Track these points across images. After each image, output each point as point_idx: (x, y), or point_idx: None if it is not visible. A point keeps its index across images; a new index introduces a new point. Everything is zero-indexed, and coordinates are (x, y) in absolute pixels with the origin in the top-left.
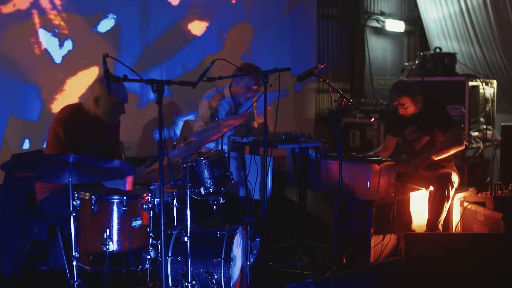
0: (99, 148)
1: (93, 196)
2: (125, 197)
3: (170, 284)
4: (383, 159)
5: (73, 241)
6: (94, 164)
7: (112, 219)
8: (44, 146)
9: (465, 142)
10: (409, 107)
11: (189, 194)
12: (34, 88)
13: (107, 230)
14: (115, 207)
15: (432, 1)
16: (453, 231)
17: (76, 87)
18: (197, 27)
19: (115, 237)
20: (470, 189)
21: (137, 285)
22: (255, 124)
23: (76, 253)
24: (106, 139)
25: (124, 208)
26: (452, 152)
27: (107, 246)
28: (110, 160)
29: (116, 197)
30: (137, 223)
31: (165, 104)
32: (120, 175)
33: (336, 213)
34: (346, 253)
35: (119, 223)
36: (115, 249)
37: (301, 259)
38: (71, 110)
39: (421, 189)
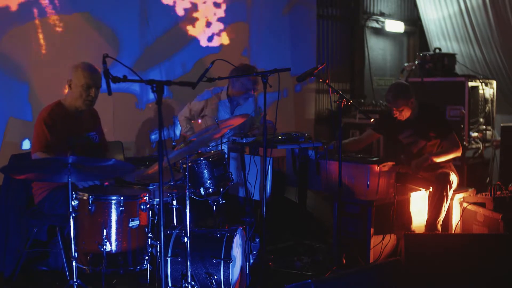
0: (85, 141)
1: (90, 196)
2: (122, 198)
3: (170, 285)
4: (382, 159)
5: (72, 242)
6: (93, 164)
7: (109, 219)
8: None
9: (461, 149)
10: (403, 111)
11: (189, 194)
12: (34, 88)
13: (104, 230)
14: (112, 207)
15: (431, 2)
16: (453, 232)
17: None
18: (197, 27)
19: (112, 237)
20: (470, 190)
21: (137, 285)
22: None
23: (75, 254)
24: (90, 131)
25: (121, 209)
26: (451, 157)
27: (104, 247)
28: (107, 160)
29: (113, 197)
30: (134, 223)
31: (164, 104)
32: (119, 173)
33: (336, 213)
34: (346, 253)
35: (116, 223)
36: (112, 250)
37: (301, 259)
38: (52, 108)
39: (420, 190)
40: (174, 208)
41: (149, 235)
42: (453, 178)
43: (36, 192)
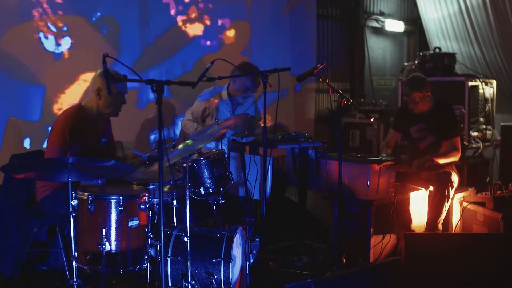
0: (99, 146)
1: (89, 196)
2: (121, 197)
3: (170, 284)
4: (382, 159)
5: (72, 242)
6: (93, 164)
7: (109, 219)
8: (44, 146)
9: (460, 154)
10: (420, 103)
11: (189, 194)
12: (34, 88)
13: (104, 230)
14: (111, 207)
15: (431, 1)
16: (453, 231)
17: (76, 87)
18: (197, 27)
19: (112, 237)
20: (470, 189)
21: (137, 285)
22: (261, 123)
23: (75, 253)
24: (106, 137)
25: (120, 208)
26: (450, 160)
27: (104, 246)
28: (107, 160)
29: (112, 197)
30: (133, 223)
31: (164, 104)
32: (119, 173)
33: (336, 213)
34: (346, 253)
35: (115, 223)
36: (112, 249)
37: (301, 259)
38: (74, 113)
39: (420, 189)
40: (174, 208)
41: (149, 234)
42: (455, 177)
43: (39, 190)
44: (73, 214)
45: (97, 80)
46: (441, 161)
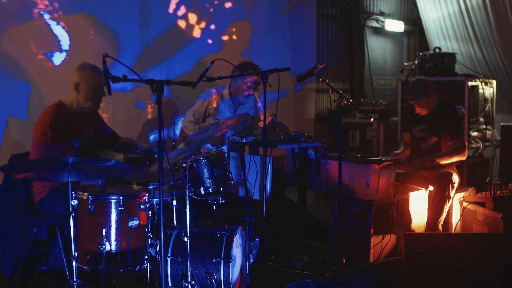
0: (86, 140)
1: (90, 196)
2: (121, 197)
3: (170, 284)
4: (382, 158)
5: (72, 242)
6: (93, 164)
7: (109, 219)
8: None
9: (466, 154)
10: (425, 107)
11: (189, 194)
12: (34, 88)
13: (104, 230)
14: (111, 207)
15: (431, 1)
16: (453, 231)
17: None
18: (197, 27)
19: (112, 237)
20: (470, 189)
21: (137, 285)
22: (261, 124)
23: (75, 253)
24: (90, 132)
25: (120, 208)
26: (454, 160)
27: (104, 246)
28: (107, 160)
29: (113, 197)
30: (133, 223)
31: (164, 104)
32: (119, 174)
33: (335, 213)
34: (346, 253)
35: (116, 223)
36: (112, 249)
37: (301, 259)
38: (54, 110)
39: (420, 189)
40: (174, 208)
41: (149, 234)
42: (455, 178)
43: (36, 192)
44: (73, 214)
45: (74, 74)
46: (445, 161)
